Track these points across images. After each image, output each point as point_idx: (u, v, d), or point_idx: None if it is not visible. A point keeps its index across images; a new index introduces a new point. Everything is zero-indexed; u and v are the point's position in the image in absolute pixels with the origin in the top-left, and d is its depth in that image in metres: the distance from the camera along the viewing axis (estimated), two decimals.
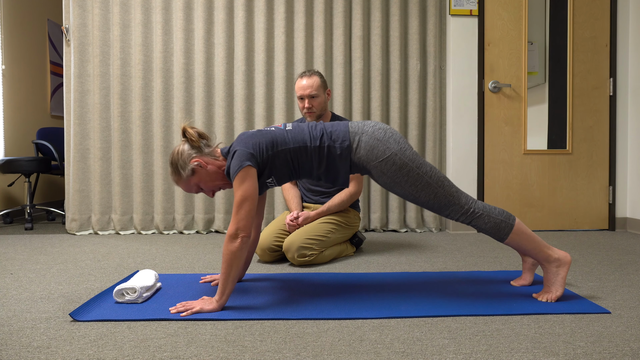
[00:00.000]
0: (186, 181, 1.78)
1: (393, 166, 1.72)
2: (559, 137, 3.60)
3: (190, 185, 1.79)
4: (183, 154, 1.76)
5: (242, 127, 3.50)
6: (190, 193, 1.83)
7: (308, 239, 2.40)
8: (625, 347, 1.35)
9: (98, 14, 3.47)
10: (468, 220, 1.76)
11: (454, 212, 1.76)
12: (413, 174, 1.73)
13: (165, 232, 3.52)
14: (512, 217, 1.77)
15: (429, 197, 1.74)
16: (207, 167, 1.77)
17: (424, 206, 1.78)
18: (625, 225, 3.63)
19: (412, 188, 1.74)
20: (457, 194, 1.75)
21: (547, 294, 1.77)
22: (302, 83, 2.53)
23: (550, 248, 1.77)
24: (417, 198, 1.76)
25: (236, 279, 1.67)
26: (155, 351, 1.33)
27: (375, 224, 3.60)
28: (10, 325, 1.53)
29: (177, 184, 1.81)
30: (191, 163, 1.75)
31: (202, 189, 1.82)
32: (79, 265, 2.42)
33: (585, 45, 3.58)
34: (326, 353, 1.31)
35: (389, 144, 1.74)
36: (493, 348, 1.34)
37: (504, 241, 1.77)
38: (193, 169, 1.75)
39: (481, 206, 1.76)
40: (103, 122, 3.50)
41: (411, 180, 1.73)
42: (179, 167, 1.76)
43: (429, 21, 3.59)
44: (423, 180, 1.73)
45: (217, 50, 3.51)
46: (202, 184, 1.79)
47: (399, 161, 1.72)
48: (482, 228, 1.76)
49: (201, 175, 1.77)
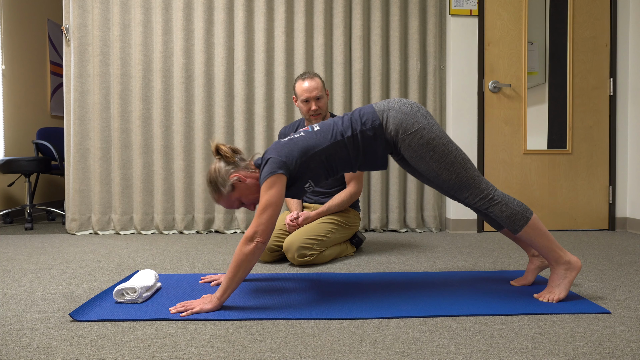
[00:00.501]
0: (227, 198, 1.77)
1: (420, 140, 1.73)
2: (559, 137, 3.60)
3: (231, 201, 1.79)
4: (221, 171, 1.76)
5: (242, 127, 3.50)
6: (231, 209, 1.84)
7: (308, 239, 2.40)
8: (625, 347, 1.35)
9: (98, 14, 3.47)
10: (485, 206, 1.76)
11: (473, 195, 1.76)
12: (439, 150, 1.74)
13: (165, 232, 3.52)
14: (529, 210, 1.76)
15: (450, 176, 1.75)
16: (246, 181, 1.77)
17: (444, 186, 1.78)
18: (625, 225, 3.63)
19: (436, 164, 1.75)
20: (479, 179, 1.76)
21: (549, 294, 1.76)
22: (305, 86, 2.52)
23: (562, 250, 1.77)
24: (439, 176, 1.76)
25: (241, 281, 1.66)
26: (155, 351, 1.33)
27: (375, 224, 3.60)
28: (10, 325, 1.53)
29: (218, 202, 1.81)
30: (230, 179, 1.75)
31: (243, 204, 1.81)
32: (79, 265, 2.42)
33: (585, 45, 3.58)
34: (326, 353, 1.31)
35: (417, 118, 1.75)
36: (493, 348, 1.34)
37: (517, 233, 1.76)
38: (233, 185, 1.75)
39: (500, 194, 1.77)
40: (103, 122, 3.50)
41: (436, 156, 1.74)
42: (219, 185, 1.75)
43: (429, 21, 3.59)
44: (448, 158, 1.74)
45: (217, 50, 3.51)
46: (242, 198, 1.79)
47: (426, 135, 1.74)
48: (498, 216, 1.76)
49: (241, 190, 1.77)
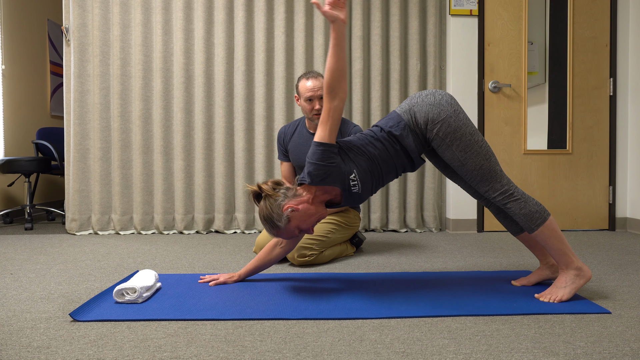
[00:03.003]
0: (285, 230, 1.77)
1: (448, 128, 1.75)
2: (559, 137, 3.60)
3: (291, 232, 1.79)
4: (273, 207, 1.75)
5: (242, 127, 3.50)
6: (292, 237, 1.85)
7: (308, 239, 2.40)
8: (625, 347, 1.35)
9: (98, 14, 3.47)
10: (505, 201, 1.76)
11: (494, 189, 1.77)
12: (465, 139, 1.75)
13: (165, 232, 3.52)
14: (547, 211, 1.77)
15: (474, 166, 1.76)
16: (299, 209, 1.76)
17: (467, 177, 1.78)
18: (625, 225, 3.63)
19: (461, 153, 1.76)
20: (501, 173, 1.78)
21: (551, 294, 1.75)
22: (309, 84, 2.51)
23: (575, 256, 1.77)
24: (463, 165, 1.76)
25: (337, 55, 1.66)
26: (155, 351, 1.33)
27: (375, 224, 3.60)
28: (10, 325, 1.53)
29: (277, 237, 1.81)
30: (284, 212, 1.74)
31: (303, 230, 1.81)
32: (79, 265, 2.42)
33: (585, 45, 3.58)
34: (326, 353, 1.31)
35: (442, 106, 1.77)
36: (493, 348, 1.34)
37: (533, 232, 1.76)
38: (288, 217, 1.74)
39: (521, 192, 1.78)
40: (103, 122, 3.50)
41: (463, 145, 1.75)
42: (275, 221, 1.75)
43: (429, 21, 3.59)
44: (474, 148, 1.75)
45: (217, 50, 3.51)
46: (301, 225, 1.78)
47: (453, 124, 1.75)
48: (516, 213, 1.76)
49: (298, 218, 1.76)
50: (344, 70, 1.67)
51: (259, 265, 2.05)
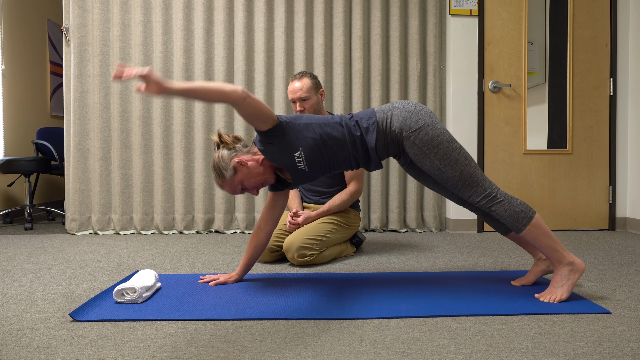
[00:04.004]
0: (230, 182, 1.82)
1: (425, 137, 1.77)
2: (559, 137, 3.60)
3: (234, 185, 1.83)
4: (224, 157, 1.81)
5: (242, 127, 3.50)
6: (235, 194, 1.89)
7: (308, 239, 2.40)
8: (625, 347, 1.35)
9: (98, 14, 3.47)
10: (489, 205, 1.77)
11: (477, 193, 1.77)
12: (443, 147, 1.77)
13: (165, 232, 3.52)
14: (532, 210, 1.78)
15: (455, 173, 1.77)
16: (247, 164, 1.81)
17: (448, 184, 1.80)
18: (625, 225, 3.63)
19: (440, 161, 1.77)
20: (482, 177, 1.79)
21: (550, 295, 1.76)
22: (293, 86, 2.55)
23: (565, 250, 1.77)
24: (443, 173, 1.78)
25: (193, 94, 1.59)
26: (155, 351, 1.33)
27: (375, 224, 3.60)
28: (10, 325, 1.53)
29: (222, 188, 1.85)
30: (232, 162, 1.80)
31: (246, 188, 1.85)
32: (79, 265, 2.42)
33: (585, 45, 3.58)
34: (326, 353, 1.31)
35: (421, 116, 1.80)
36: (493, 348, 1.34)
37: (521, 232, 1.77)
38: (234, 168, 1.80)
39: (503, 193, 1.79)
40: (103, 122, 3.50)
41: (440, 152, 1.77)
42: (222, 169, 1.81)
43: (429, 21, 3.59)
44: (452, 155, 1.77)
45: (217, 50, 3.51)
46: (245, 181, 1.83)
47: (431, 132, 1.78)
48: (501, 215, 1.77)
49: (244, 173, 1.82)
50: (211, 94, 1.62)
51: (250, 257, 2.06)
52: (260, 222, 2.03)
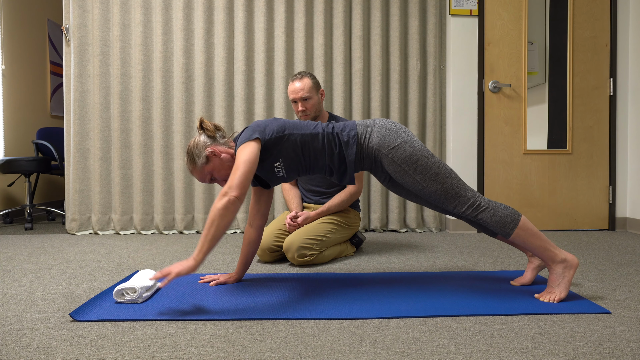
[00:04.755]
0: (200, 169, 1.83)
1: (403, 154, 1.77)
2: (559, 137, 3.60)
3: (204, 174, 1.84)
4: (199, 144, 1.84)
5: (242, 127, 3.50)
6: (204, 183, 1.90)
7: (308, 239, 2.40)
8: (625, 347, 1.35)
9: (98, 14, 3.47)
10: (474, 214, 1.77)
11: (461, 204, 1.77)
12: (422, 163, 1.77)
13: (165, 232, 3.52)
14: (517, 213, 1.77)
15: (436, 187, 1.76)
16: (220, 156, 1.83)
17: (431, 198, 1.79)
18: (625, 225, 3.63)
19: (420, 177, 1.77)
20: (464, 187, 1.78)
21: (550, 294, 1.76)
22: (295, 86, 2.53)
23: (556, 248, 1.77)
24: (424, 188, 1.77)
25: (217, 239, 1.64)
26: (155, 351, 1.33)
27: (375, 224, 3.60)
28: (10, 325, 1.53)
29: (192, 173, 1.87)
30: (205, 151, 1.82)
31: (215, 178, 1.86)
32: (79, 265, 2.42)
33: (585, 45, 3.58)
34: (326, 353, 1.31)
35: (400, 134, 1.80)
36: (493, 348, 1.34)
37: (510, 237, 1.77)
38: (207, 157, 1.81)
39: (487, 200, 1.78)
40: (103, 122, 3.50)
41: (420, 168, 1.76)
42: (195, 156, 1.82)
43: (429, 21, 3.59)
44: (431, 170, 1.76)
45: (217, 50, 3.51)
46: (215, 172, 1.84)
47: (409, 149, 1.77)
48: (488, 222, 1.76)
49: (214, 164, 1.83)
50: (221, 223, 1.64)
51: (246, 255, 2.05)
52: (249, 218, 2.04)
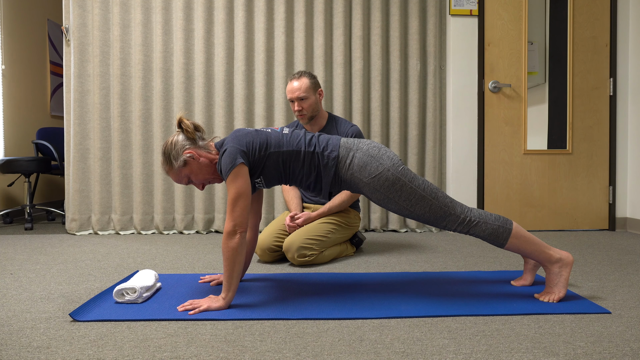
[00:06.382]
0: (177, 172, 1.77)
1: (386, 182, 1.72)
2: (559, 137, 3.60)
3: (180, 177, 1.79)
4: (177, 145, 1.75)
5: (241, 127, 3.50)
6: (180, 184, 1.85)
7: (308, 239, 2.40)
8: (625, 347, 1.35)
9: (98, 14, 3.47)
10: (466, 230, 1.75)
11: (451, 222, 1.75)
12: (406, 188, 1.72)
13: (165, 232, 3.52)
14: (509, 221, 1.76)
15: (424, 209, 1.73)
16: (199, 160, 1.76)
17: (421, 220, 1.77)
18: (625, 225, 3.63)
19: (406, 202, 1.73)
20: (452, 204, 1.75)
21: (549, 294, 1.76)
22: (292, 86, 2.53)
23: (550, 249, 1.77)
24: (412, 212, 1.74)
25: (240, 275, 1.68)
26: (155, 351, 1.33)
27: (375, 224, 3.60)
28: (10, 325, 1.53)
29: (167, 174, 1.81)
30: (184, 154, 1.74)
31: (192, 181, 1.81)
32: (79, 265, 2.42)
33: (585, 45, 3.58)
34: (326, 353, 1.31)
35: (382, 161, 1.74)
36: (493, 348, 1.34)
37: (504, 247, 1.76)
38: (185, 160, 1.75)
39: (477, 214, 1.75)
40: (103, 122, 3.50)
41: (405, 194, 1.72)
42: (172, 157, 1.75)
43: (429, 21, 3.59)
44: (417, 193, 1.72)
45: (217, 50, 3.51)
46: (192, 176, 1.79)
47: (391, 176, 1.72)
48: (481, 236, 1.75)
49: (192, 167, 1.77)
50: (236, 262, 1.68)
51: (244, 255, 2.04)
52: None
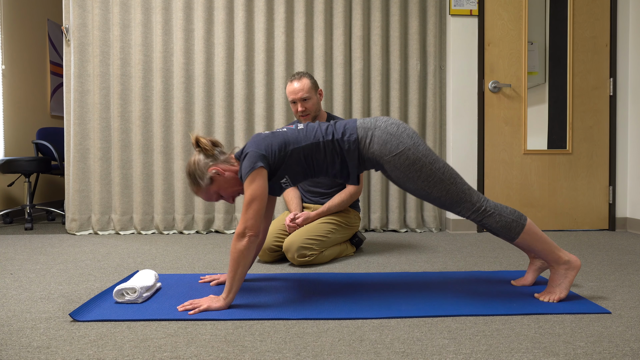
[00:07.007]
0: (206, 190, 1.79)
1: (406, 161, 1.72)
2: (559, 137, 3.60)
3: (210, 194, 1.80)
4: (200, 164, 1.77)
5: (242, 127, 3.50)
6: (210, 201, 1.86)
7: (308, 239, 2.40)
8: (625, 347, 1.35)
9: (98, 14, 3.47)
10: (479, 219, 1.75)
11: (466, 209, 1.75)
12: (426, 169, 1.72)
13: (165, 232, 3.52)
14: (523, 216, 1.76)
15: (441, 193, 1.73)
16: (224, 174, 1.78)
17: (436, 203, 1.77)
18: (625, 225, 3.63)
19: (424, 184, 1.73)
20: (469, 192, 1.75)
21: (550, 294, 1.76)
22: (294, 87, 2.52)
23: (560, 250, 1.76)
24: (429, 194, 1.75)
25: (243, 277, 1.68)
26: (155, 351, 1.33)
27: (375, 224, 3.60)
28: (10, 325, 1.53)
29: (197, 194, 1.82)
30: (209, 172, 1.76)
31: (222, 196, 1.83)
32: (79, 265, 2.42)
33: (585, 45, 3.58)
34: (326, 353, 1.31)
35: (402, 139, 1.74)
36: (493, 348, 1.34)
37: (515, 241, 1.76)
38: (211, 178, 1.76)
39: (493, 205, 1.75)
40: (103, 122, 3.50)
41: (424, 175, 1.72)
42: (197, 178, 1.77)
43: (429, 21, 3.59)
44: (436, 176, 1.72)
45: (217, 50, 3.51)
46: (221, 191, 1.80)
47: (412, 156, 1.72)
48: (493, 227, 1.75)
49: (220, 183, 1.78)
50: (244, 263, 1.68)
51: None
52: None
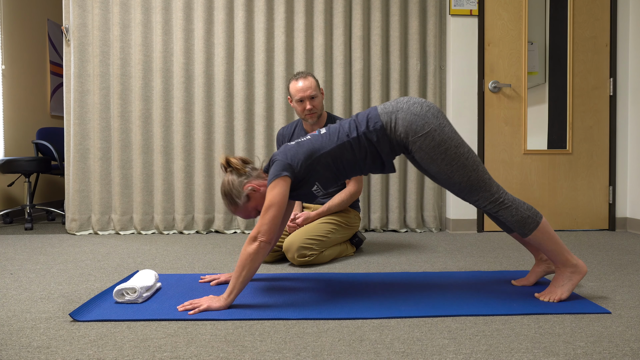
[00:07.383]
0: (243, 208, 1.81)
1: (432, 142, 1.71)
2: (559, 137, 3.60)
3: (248, 211, 1.82)
4: (234, 183, 1.79)
5: (242, 127, 3.50)
6: (249, 218, 1.87)
7: (308, 239, 2.40)
8: (625, 347, 1.35)
9: (98, 14, 3.47)
10: (495, 210, 1.74)
11: (483, 198, 1.74)
12: (451, 152, 1.71)
13: (165, 232, 3.52)
14: (539, 214, 1.76)
15: (462, 178, 1.73)
16: (260, 190, 1.80)
17: (455, 188, 1.76)
18: (625, 225, 3.63)
19: (447, 167, 1.72)
20: (490, 181, 1.74)
21: (551, 294, 1.76)
22: (299, 85, 2.51)
23: (569, 253, 1.77)
24: (450, 178, 1.74)
25: (247, 281, 1.68)
26: (155, 351, 1.33)
27: (375, 224, 3.60)
28: (10, 325, 1.53)
29: (235, 214, 1.84)
30: (244, 190, 1.78)
31: (259, 212, 1.83)
32: (79, 265, 2.42)
33: (585, 45, 3.58)
34: (326, 353, 1.31)
35: (427, 119, 1.72)
36: (493, 348, 1.34)
37: (527, 237, 1.76)
38: (247, 195, 1.79)
39: (511, 198, 1.75)
40: (103, 122, 3.50)
41: (448, 158, 1.71)
42: (234, 197, 1.79)
43: (429, 21, 3.59)
44: (459, 160, 1.72)
45: (217, 50, 3.51)
46: (259, 207, 1.82)
47: (438, 137, 1.71)
48: (508, 220, 1.75)
49: (257, 199, 1.80)
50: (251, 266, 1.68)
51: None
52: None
